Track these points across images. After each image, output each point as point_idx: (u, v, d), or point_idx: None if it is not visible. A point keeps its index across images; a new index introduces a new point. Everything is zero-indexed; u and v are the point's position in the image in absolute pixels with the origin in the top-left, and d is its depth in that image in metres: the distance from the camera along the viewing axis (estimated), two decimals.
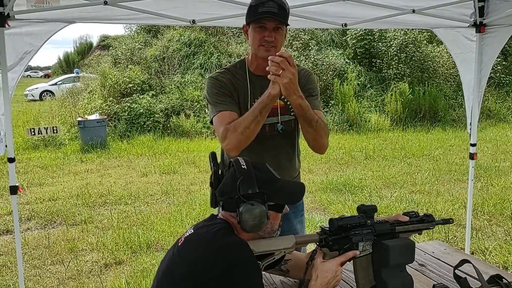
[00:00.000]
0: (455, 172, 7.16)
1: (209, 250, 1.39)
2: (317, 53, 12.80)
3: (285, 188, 1.55)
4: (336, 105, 11.81)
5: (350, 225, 1.60)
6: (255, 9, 1.93)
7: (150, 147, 9.76)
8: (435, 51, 13.59)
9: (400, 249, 1.62)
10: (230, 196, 1.48)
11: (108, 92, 11.76)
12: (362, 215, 1.63)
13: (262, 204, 1.44)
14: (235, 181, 1.46)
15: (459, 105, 12.76)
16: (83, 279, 3.80)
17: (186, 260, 1.41)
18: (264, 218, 1.44)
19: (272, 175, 1.54)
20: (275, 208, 1.52)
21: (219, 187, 1.57)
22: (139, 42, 13.99)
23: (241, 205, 1.43)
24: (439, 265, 1.95)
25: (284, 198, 1.54)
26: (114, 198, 6.14)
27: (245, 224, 1.44)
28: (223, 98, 2.03)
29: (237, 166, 1.50)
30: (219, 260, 1.36)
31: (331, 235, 1.60)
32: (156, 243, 4.52)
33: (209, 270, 1.35)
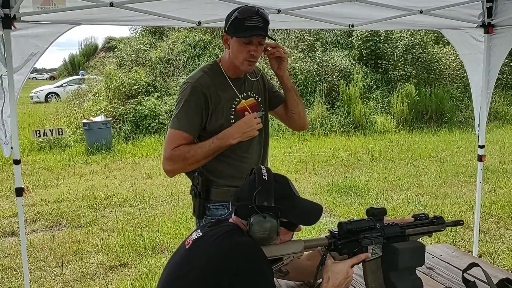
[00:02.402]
0: (462, 174, 7.10)
1: (223, 249, 1.38)
2: (323, 54, 12.76)
3: (302, 208, 1.52)
4: (342, 107, 11.76)
5: (359, 229, 1.57)
6: (241, 23, 1.91)
7: (155, 149, 9.76)
8: (441, 52, 13.52)
9: (409, 252, 1.60)
10: (244, 203, 1.46)
11: (113, 94, 11.79)
12: (371, 218, 1.61)
13: (274, 219, 1.42)
14: (253, 190, 1.44)
15: (465, 106, 12.68)
16: (88, 282, 3.79)
17: (198, 260, 1.40)
18: (273, 233, 1.43)
19: (291, 191, 1.52)
20: (287, 226, 1.50)
21: (236, 191, 1.55)
22: (144, 44, 14.03)
23: (253, 215, 1.42)
24: (448, 268, 1.92)
25: (299, 218, 1.52)
26: (119, 200, 6.13)
27: (254, 235, 1.42)
28: (192, 116, 1.98)
29: (258, 175, 1.48)
30: (233, 259, 1.35)
31: (340, 238, 1.57)
32: (161, 246, 4.51)
33: (223, 269, 1.33)
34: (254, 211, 1.43)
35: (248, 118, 2.01)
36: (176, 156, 1.95)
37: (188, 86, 2.01)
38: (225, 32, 2.02)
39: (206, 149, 1.97)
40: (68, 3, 2.75)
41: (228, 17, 1.99)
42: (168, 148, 1.97)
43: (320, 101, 11.77)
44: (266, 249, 1.46)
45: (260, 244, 1.44)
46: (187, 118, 1.98)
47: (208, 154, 1.98)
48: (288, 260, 1.53)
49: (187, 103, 1.98)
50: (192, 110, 1.98)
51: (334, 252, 1.58)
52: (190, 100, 1.98)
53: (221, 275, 1.33)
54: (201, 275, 1.36)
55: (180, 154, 1.95)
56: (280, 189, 1.48)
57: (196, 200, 2.09)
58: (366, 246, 1.59)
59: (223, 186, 2.06)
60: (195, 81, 2.01)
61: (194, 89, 1.99)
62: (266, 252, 1.44)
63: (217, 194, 2.06)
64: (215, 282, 1.33)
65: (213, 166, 2.05)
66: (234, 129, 2.00)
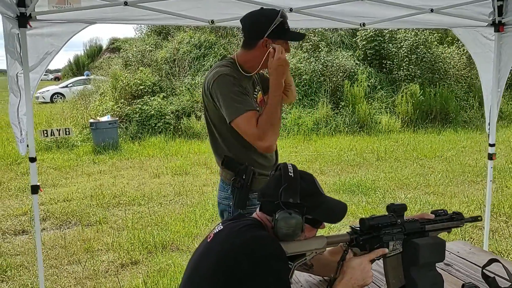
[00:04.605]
0: (469, 173, 7.10)
1: (239, 242, 1.39)
2: (327, 54, 12.77)
3: (327, 205, 1.53)
4: (347, 107, 11.77)
5: (381, 225, 1.59)
6: (283, 26, 2.09)
7: (161, 148, 9.80)
8: (446, 52, 13.52)
9: (430, 248, 1.61)
10: (270, 199, 1.47)
11: (119, 94, 11.83)
12: (392, 214, 1.62)
13: (299, 215, 1.43)
14: (279, 186, 1.46)
15: (470, 106, 12.68)
16: (100, 279, 3.81)
17: (216, 253, 1.42)
18: (298, 230, 1.44)
19: (317, 188, 1.53)
20: (312, 223, 1.52)
21: (262, 187, 1.57)
22: (150, 44, 14.07)
23: (278, 211, 1.43)
24: (465, 264, 1.93)
25: (324, 215, 1.53)
26: (127, 199, 6.16)
27: (279, 231, 1.43)
28: (244, 96, 2.04)
29: (284, 172, 1.50)
30: (249, 252, 1.36)
31: (361, 234, 1.59)
32: (171, 243, 4.53)
33: (238, 262, 1.35)
34: (280, 208, 1.44)
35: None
36: (262, 126, 1.99)
37: (223, 77, 2.05)
38: (265, 37, 2.06)
39: (273, 104, 2.02)
40: (83, 2, 2.78)
41: (269, 21, 2.05)
42: (253, 129, 2.00)
43: (325, 101, 11.79)
44: (289, 245, 1.47)
45: (285, 240, 1.46)
46: (244, 99, 2.03)
47: (279, 98, 2.05)
48: (310, 257, 1.54)
49: (233, 88, 2.03)
50: (239, 92, 2.04)
51: (356, 248, 1.59)
52: (231, 85, 2.03)
53: (235, 267, 1.34)
54: (215, 267, 1.38)
55: (263, 122, 1.99)
56: (306, 186, 1.50)
57: (242, 191, 2.12)
58: (387, 242, 1.61)
59: (261, 176, 2.15)
60: (229, 72, 2.07)
61: (230, 76, 2.05)
62: (289, 248, 1.46)
63: (257, 184, 2.13)
64: (228, 274, 1.35)
65: (251, 157, 2.14)
66: None
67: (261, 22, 2.07)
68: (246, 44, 2.15)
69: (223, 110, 2.04)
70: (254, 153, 2.13)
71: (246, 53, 2.15)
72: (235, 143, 2.13)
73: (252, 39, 2.12)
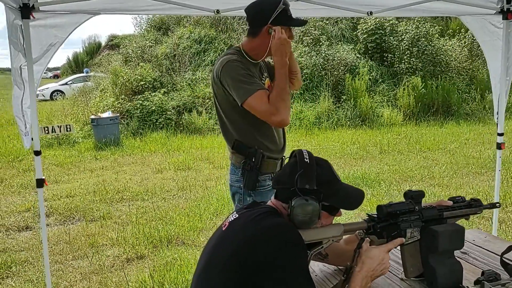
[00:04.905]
0: (473, 165, 7.07)
1: (257, 229, 1.37)
2: (328, 48, 12.71)
3: (344, 192, 1.50)
4: (348, 100, 11.72)
5: (399, 212, 1.55)
6: (286, 13, 2.16)
7: (163, 144, 9.76)
8: (447, 44, 13.46)
9: (449, 235, 1.58)
10: (285, 186, 1.44)
11: (119, 90, 11.78)
12: (410, 201, 1.59)
13: (316, 202, 1.40)
14: (294, 173, 1.43)
15: (472, 99, 12.62)
16: (106, 274, 3.79)
17: (233, 241, 1.39)
18: (315, 217, 1.41)
19: (333, 175, 1.50)
20: (328, 210, 1.49)
21: (276, 174, 1.53)
22: (150, 40, 13.99)
23: (295, 198, 1.40)
24: (482, 252, 1.90)
25: (341, 202, 1.50)
26: (131, 194, 6.13)
27: (295, 218, 1.41)
28: (253, 78, 2.14)
29: (299, 158, 1.47)
30: (267, 240, 1.33)
31: (379, 222, 1.56)
32: (176, 238, 4.50)
33: (257, 250, 1.32)
34: (296, 194, 1.41)
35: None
36: (274, 102, 2.07)
37: (232, 62, 2.15)
38: (268, 24, 2.14)
39: (281, 81, 2.11)
40: None
41: (271, 8, 2.13)
42: (266, 106, 2.08)
43: (327, 95, 11.74)
44: (306, 232, 1.44)
45: (301, 227, 1.42)
46: (253, 81, 2.13)
47: (287, 80, 2.14)
48: (327, 244, 1.51)
49: (241, 72, 2.12)
50: (249, 75, 2.14)
51: (373, 236, 1.56)
52: (240, 69, 2.13)
53: (252, 255, 1.32)
54: (232, 254, 1.35)
55: (274, 98, 2.08)
56: (322, 173, 1.46)
57: (252, 173, 2.22)
58: (404, 229, 1.58)
59: (269, 159, 2.27)
60: (236, 58, 2.18)
61: (238, 62, 2.15)
62: (305, 236, 1.43)
63: (266, 167, 2.26)
64: (246, 262, 1.32)
65: (262, 142, 2.25)
66: None
67: (264, 10, 2.16)
68: (250, 32, 2.24)
69: (234, 93, 2.13)
70: (263, 137, 2.24)
71: (251, 41, 2.23)
72: (245, 128, 2.23)
73: (256, 27, 2.20)
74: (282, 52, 2.11)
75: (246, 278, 1.31)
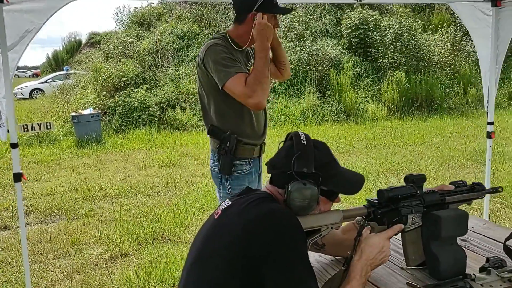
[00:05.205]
0: (459, 158, 7.09)
1: (255, 215, 1.27)
2: (312, 43, 12.65)
3: (343, 176, 1.42)
4: (333, 96, 11.69)
5: (400, 196, 1.47)
6: (271, 1, 2.21)
7: (146, 141, 9.58)
8: (430, 39, 13.53)
9: (452, 220, 1.51)
10: (281, 170, 1.35)
11: (101, 86, 11.53)
12: (412, 185, 1.51)
13: (315, 186, 1.31)
14: (291, 156, 1.33)
15: (455, 93, 12.72)
16: (89, 272, 3.65)
17: (228, 229, 1.29)
18: (313, 202, 1.32)
19: (332, 157, 1.41)
20: (327, 195, 1.40)
21: (271, 159, 1.44)
22: (131, 36, 13.75)
23: (291, 182, 1.31)
24: (483, 239, 1.84)
25: (340, 186, 1.42)
26: (114, 192, 5.97)
27: (292, 203, 1.32)
28: (234, 62, 2.17)
29: (296, 140, 1.37)
30: (265, 227, 1.24)
31: (379, 207, 1.47)
32: (162, 235, 4.38)
33: (255, 236, 1.23)
34: (293, 178, 1.32)
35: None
36: (251, 85, 2.08)
37: (214, 46, 2.19)
38: (254, 10, 2.19)
39: (260, 63, 2.12)
40: None
41: None
42: (241, 89, 2.10)
43: (311, 90, 11.70)
44: (304, 219, 1.35)
45: (298, 213, 1.33)
46: (235, 64, 2.15)
47: (265, 60, 2.14)
48: (326, 232, 1.42)
49: (222, 55, 2.15)
50: (230, 58, 2.17)
51: (373, 222, 1.48)
52: (221, 52, 2.16)
53: (251, 243, 1.22)
54: (229, 244, 1.26)
55: (251, 81, 2.09)
56: (320, 155, 1.37)
57: (227, 157, 2.25)
58: (406, 215, 1.50)
59: (246, 144, 2.31)
60: (220, 42, 2.21)
61: (221, 46, 2.19)
62: (303, 223, 1.33)
63: (242, 152, 2.30)
64: (244, 251, 1.23)
65: (238, 127, 2.28)
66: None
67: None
68: (236, 19, 2.30)
69: (215, 76, 2.15)
70: (241, 122, 2.29)
71: (237, 27, 2.29)
72: (224, 112, 2.27)
73: (241, 13, 2.26)
74: (262, 36, 2.15)
75: (244, 267, 1.22)
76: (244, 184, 2.34)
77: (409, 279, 1.54)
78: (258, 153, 2.40)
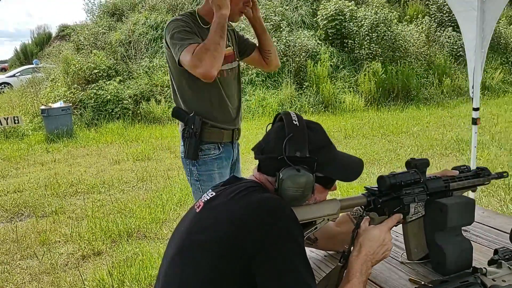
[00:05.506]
0: (437, 147, 7.08)
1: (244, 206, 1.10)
2: (289, 34, 12.50)
3: (341, 160, 1.26)
4: (311, 87, 11.59)
5: (404, 183, 1.32)
6: None
7: (120, 134, 9.27)
8: (405, 30, 13.56)
9: (459, 209, 1.37)
10: (271, 155, 1.18)
11: (72, 79, 11.12)
12: (415, 171, 1.36)
13: (310, 172, 1.15)
14: (282, 138, 1.16)
15: (430, 83, 12.80)
16: (59, 273, 3.42)
17: (213, 222, 1.12)
18: (308, 191, 1.16)
19: (328, 140, 1.25)
20: (323, 182, 1.23)
21: (258, 142, 1.26)
22: (103, 27, 13.31)
23: (283, 169, 1.14)
24: (484, 229, 1.72)
25: (338, 172, 1.25)
26: (86, 187, 5.70)
27: (284, 193, 1.15)
28: (191, 35, 2.06)
29: (287, 121, 1.19)
30: (257, 218, 1.07)
31: (380, 196, 1.32)
32: (137, 231, 4.17)
33: (244, 232, 1.06)
34: (284, 164, 1.15)
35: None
36: (198, 53, 1.93)
37: (174, 21, 2.09)
38: None
39: (213, 31, 1.98)
40: None
41: None
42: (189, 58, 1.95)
43: (289, 81, 11.56)
44: (296, 211, 1.18)
45: (292, 204, 1.17)
46: (191, 37, 2.03)
47: (219, 33, 1.99)
48: (322, 225, 1.27)
49: (180, 29, 2.04)
50: (187, 32, 2.05)
51: (373, 213, 1.33)
52: (180, 27, 2.05)
53: (242, 237, 1.06)
54: (218, 239, 1.09)
55: (198, 49, 1.95)
56: (315, 138, 1.21)
57: (192, 140, 2.11)
58: (408, 204, 1.35)
59: (214, 127, 2.17)
60: (181, 18, 2.12)
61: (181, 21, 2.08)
62: (297, 215, 1.17)
63: (209, 135, 2.16)
64: (236, 246, 1.06)
65: (205, 109, 2.16)
66: None
67: None
68: None
69: (173, 51, 2.03)
70: (208, 103, 2.16)
71: (206, 4, 2.19)
72: (190, 92, 2.15)
73: None
74: (214, 4, 2.03)
75: (233, 264, 1.05)
76: (212, 169, 2.18)
77: (411, 274, 1.40)
78: (229, 138, 2.24)
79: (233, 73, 2.28)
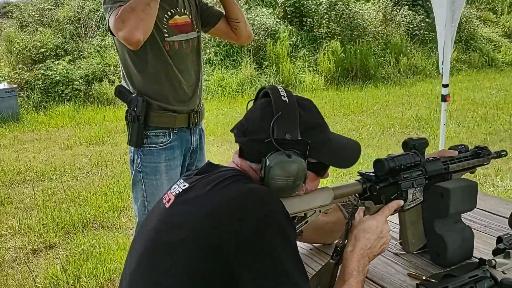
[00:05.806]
0: (398, 125, 7.15)
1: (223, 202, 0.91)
2: (247, 12, 12.21)
3: (337, 143, 1.09)
4: (270, 66, 11.42)
5: (403, 167, 1.16)
6: None
7: (71, 117, 8.75)
8: (363, 9, 13.57)
9: (461, 193, 1.23)
10: (255, 137, 0.98)
11: (16, 58, 10.37)
12: (415, 152, 1.20)
13: (302, 158, 0.97)
14: (269, 117, 0.97)
15: (387, 63, 12.92)
16: (6, 270, 3.12)
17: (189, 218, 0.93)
18: (300, 180, 0.98)
19: (322, 120, 1.06)
20: (316, 169, 1.06)
21: (239, 122, 1.06)
22: (49, 3, 12.48)
23: (270, 154, 0.96)
24: (478, 213, 1.60)
25: (333, 157, 1.08)
26: (35, 175, 5.30)
27: (272, 183, 0.96)
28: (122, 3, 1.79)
29: (274, 97, 1.00)
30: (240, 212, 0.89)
31: (378, 182, 1.16)
32: (93, 221, 3.90)
33: (227, 229, 0.88)
34: (272, 149, 0.96)
35: None
36: (122, 15, 1.69)
37: None
38: None
39: None
40: None
41: None
42: (113, 20, 1.73)
43: (248, 61, 11.32)
44: (285, 203, 1.00)
45: (280, 195, 0.98)
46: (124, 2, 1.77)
47: None
48: (314, 217, 1.09)
49: None
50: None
51: (369, 201, 1.16)
52: None
53: (224, 237, 0.88)
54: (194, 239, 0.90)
55: (122, 10, 1.71)
56: (308, 117, 1.03)
57: (134, 125, 1.88)
58: (406, 190, 1.20)
59: (162, 110, 1.93)
60: None
61: None
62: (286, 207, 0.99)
63: (156, 119, 1.92)
64: (215, 247, 0.88)
65: (151, 87, 1.93)
66: None
67: None
68: None
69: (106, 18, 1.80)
70: (158, 82, 1.93)
71: None
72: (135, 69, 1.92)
73: None
74: None
75: (213, 267, 0.87)
76: (159, 161, 1.93)
77: (409, 268, 1.26)
78: (184, 123, 1.97)
79: (190, 45, 2.02)
